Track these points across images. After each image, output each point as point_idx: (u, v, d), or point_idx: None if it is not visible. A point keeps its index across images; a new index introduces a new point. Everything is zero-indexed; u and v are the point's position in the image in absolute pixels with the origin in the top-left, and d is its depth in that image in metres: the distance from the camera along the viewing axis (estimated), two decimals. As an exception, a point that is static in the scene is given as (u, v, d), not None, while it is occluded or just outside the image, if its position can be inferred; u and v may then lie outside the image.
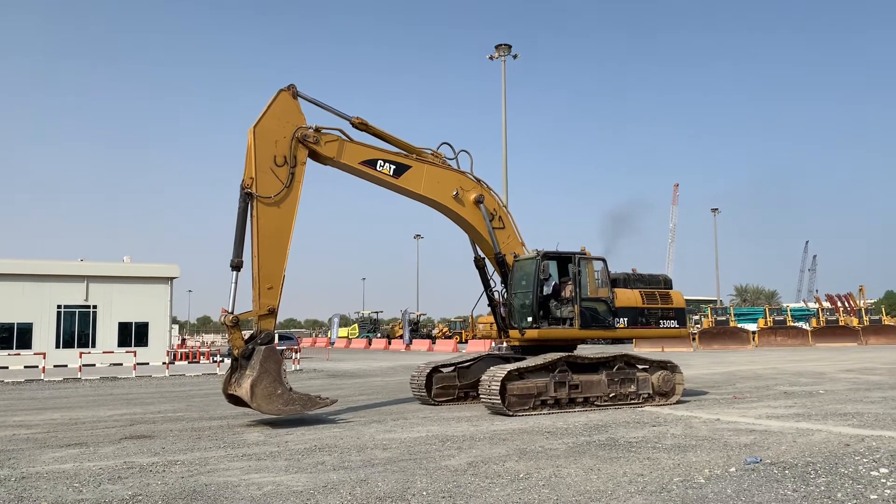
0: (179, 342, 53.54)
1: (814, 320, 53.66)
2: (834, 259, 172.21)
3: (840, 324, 51.10)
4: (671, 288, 15.97)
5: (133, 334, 34.59)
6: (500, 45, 37.43)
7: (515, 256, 15.20)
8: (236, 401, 12.62)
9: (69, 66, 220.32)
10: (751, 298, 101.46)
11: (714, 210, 74.55)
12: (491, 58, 37.79)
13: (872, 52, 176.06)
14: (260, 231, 12.51)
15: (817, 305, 61.25)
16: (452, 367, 15.47)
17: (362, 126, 14.39)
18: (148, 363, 28.86)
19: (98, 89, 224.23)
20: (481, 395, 13.18)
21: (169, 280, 36.00)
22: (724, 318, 50.89)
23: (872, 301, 69.49)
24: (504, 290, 15.29)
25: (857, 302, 59.00)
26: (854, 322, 52.18)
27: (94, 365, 29.08)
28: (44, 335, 32.98)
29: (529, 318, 14.24)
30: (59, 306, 33.63)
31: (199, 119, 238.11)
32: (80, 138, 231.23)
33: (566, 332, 14.41)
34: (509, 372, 12.85)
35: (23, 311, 32.86)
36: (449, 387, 15.24)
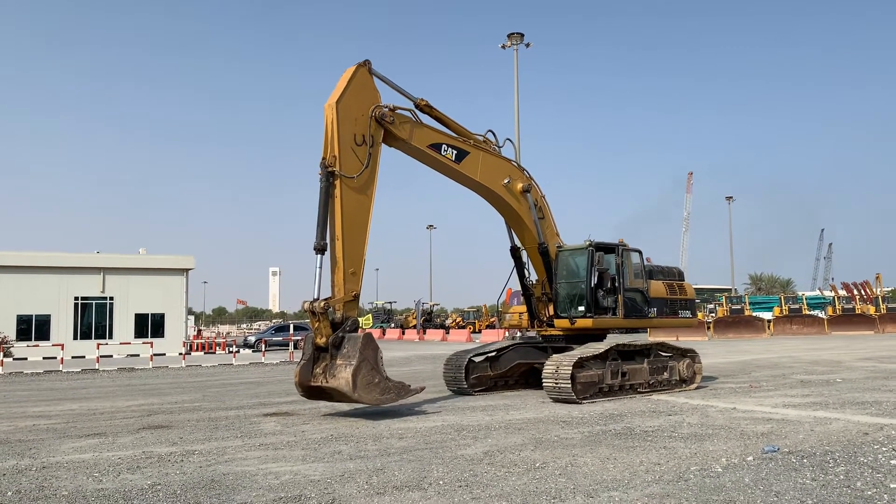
0: (195, 333, 53.88)
1: (829, 308, 53.23)
2: (850, 247, 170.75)
3: (856, 312, 50.67)
4: (683, 280, 16.66)
5: (149, 325, 34.88)
6: (513, 33, 37.21)
7: (559, 247, 15.32)
8: (318, 394, 11.86)
9: (87, 54, 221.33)
10: (766, 287, 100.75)
11: (729, 198, 74.06)
12: (503, 47, 37.59)
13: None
14: (344, 213, 11.95)
15: (833, 293, 60.78)
16: (484, 357, 15.45)
17: (427, 108, 13.96)
18: (164, 354, 29.12)
19: (114, 78, 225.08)
20: (545, 384, 13.12)
21: (184, 271, 36.23)
22: (738, 306, 50.60)
23: (889, 289, 68.81)
24: (536, 279, 15.47)
25: (874, 290, 58.40)
26: (871, 310, 51.71)
27: (111, 356, 29.33)
28: (62, 327, 33.31)
29: (581, 308, 14.43)
30: (76, 298, 33.94)
31: (213, 112, 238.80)
32: (99, 130, 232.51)
33: (613, 322, 14.72)
34: (577, 360, 12.96)
35: (41, 304, 33.18)
36: (482, 377, 15.24)
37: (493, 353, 15.51)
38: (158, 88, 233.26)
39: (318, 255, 11.81)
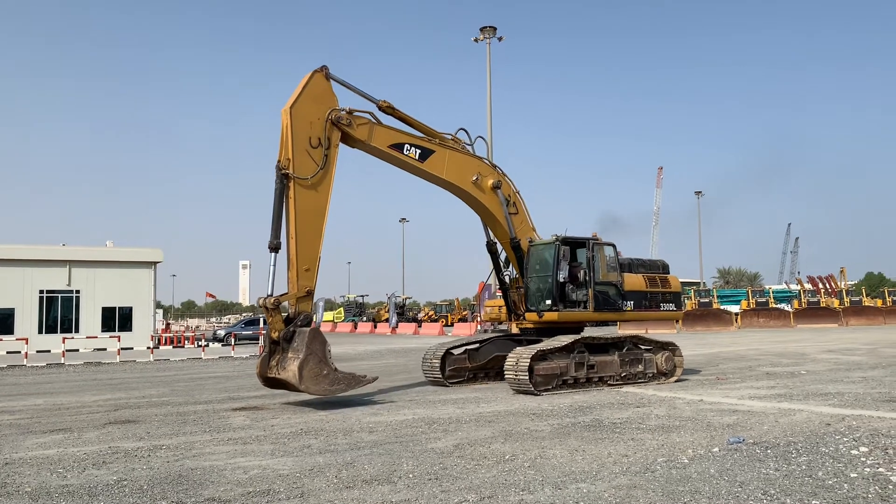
0: (164, 327, 53.28)
1: (795, 302, 54.15)
2: (816, 241, 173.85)
3: (821, 305, 51.64)
4: (668, 272, 16.65)
5: (117, 319, 34.33)
6: (485, 27, 37.18)
7: (531, 241, 15.49)
8: (274, 384, 12.46)
9: (61, 51, 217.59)
10: (734, 280, 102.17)
11: (698, 193, 74.87)
12: (476, 40, 37.56)
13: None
14: (298, 213, 12.43)
15: (799, 287, 61.83)
16: (463, 350, 15.76)
17: (389, 109, 14.41)
18: (132, 348, 28.67)
19: (83, 73, 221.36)
20: (507, 375, 13.45)
21: (152, 264, 35.69)
22: (707, 300, 51.26)
23: (853, 283, 70.19)
24: (515, 274, 15.62)
25: (839, 283, 59.57)
26: (835, 303, 52.78)
27: (77, 350, 28.87)
28: (26, 320, 32.66)
29: (548, 301, 14.55)
30: (41, 291, 33.30)
31: (186, 106, 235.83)
32: (67, 124, 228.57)
33: (582, 315, 14.82)
34: (536, 353, 13.19)
35: (4, 297, 32.49)
36: (460, 368, 15.54)
37: (473, 346, 15.83)
38: (125, 82, 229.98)
39: (273, 254, 12.38)
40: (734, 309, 51.63)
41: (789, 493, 6.07)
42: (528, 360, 13.05)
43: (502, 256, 16.11)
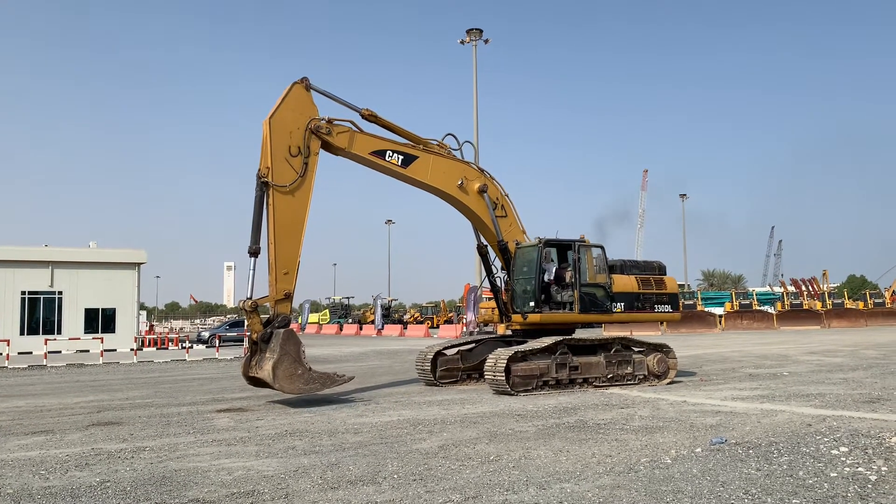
0: (147, 328, 52.89)
1: (779, 304, 54.62)
2: (799, 244, 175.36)
3: (804, 307, 52.12)
4: (665, 274, 16.56)
5: (100, 320, 34.04)
6: (472, 29, 37.28)
7: (517, 244, 15.64)
8: (256, 382, 13.00)
9: (52, 51, 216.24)
10: (718, 283, 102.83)
11: (682, 196, 75.41)
12: (462, 42, 37.64)
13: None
14: (276, 218, 12.87)
15: (782, 290, 62.31)
16: (456, 350, 15.96)
17: (371, 118, 14.71)
18: (115, 349, 28.49)
19: (71, 73, 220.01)
20: (486, 376, 13.62)
21: (136, 265, 35.44)
22: (691, 302, 51.59)
23: (836, 285, 70.88)
24: (506, 276, 15.73)
25: (821, 286, 60.09)
26: (818, 306, 53.23)
27: (59, 352, 28.60)
28: (7, 322, 32.32)
29: (532, 303, 14.65)
30: (23, 292, 32.97)
31: (175, 105, 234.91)
32: (52, 123, 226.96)
33: (566, 317, 14.86)
34: (514, 353, 13.31)
35: (-15, 298, 32.18)
36: (453, 369, 15.71)
37: (466, 347, 16.05)
38: (110, 82, 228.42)
39: (252, 258, 12.84)
40: (718, 311, 51.99)
41: (770, 493, 6.13)
42: (506, 361, 13.19)
43: (493, 259, 16.24)
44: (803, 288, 59.91)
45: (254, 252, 12.82)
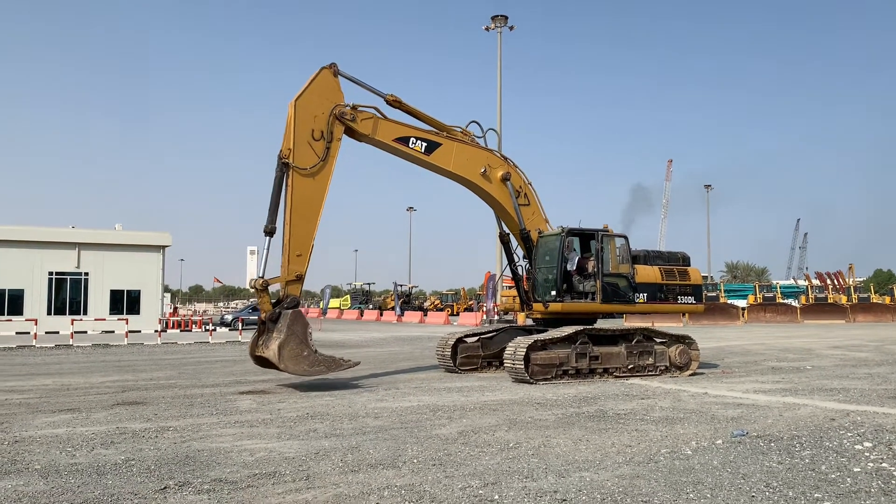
0: (171, 310, 53.53)
1: (803, 297, 54.02)
2: (825, 237, 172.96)
3: (829, 301, 51.44)
4: (689, 265, 16.40)
5: (125, 302, 34.52)
6: (497, 16, 37.07)
7: (540, 233, 15.60)
8: (263, 362, 13.01)
9: (73, 26, 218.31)
10: (741, 275, 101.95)
11: (707, 186, 74.64)
12: (487, 29, 37.45)
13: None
14: (294, 200, 12.96)
15: (807, 283, 61.61)
16: (476, 338, 15.99)
17: (396, 104, 14.78)
18: (140, 331, 28.88)
19: (95, 58, 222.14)
20: (505, 364, 13.67)
21: (161, 248, 35.85)
22: (714, 294, 51.13)
23: (862, 279, 69.97)
24: (528, 264, 15.70)
25: (847, 280, 59.34)
26: (843, 300, 52.52)
27: (85, 332, 29.08)
28: (35, 302, 32.88)
29: (553, 292, 14.64)
30: (50, 273, 33.50)
31: (199, 90, 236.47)
32: (78, 107, 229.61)
33: (587, 306, 14.85)
34: (533, 342, 13.33)
35: (14, 278, 32.71)
36: (473, 356, 15.75)
37: (487, 335, 16.05)
38: (135, 69, 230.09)
39: (267, 237, 12.94)
40: (741, 303, 51.49)
41: (792, 486, 6.09)
42: (525, 350, 13.21)
43: (515, 247, 16.21)
44: (828, 281, 59.18)
45: (269, 231, 12.92)
